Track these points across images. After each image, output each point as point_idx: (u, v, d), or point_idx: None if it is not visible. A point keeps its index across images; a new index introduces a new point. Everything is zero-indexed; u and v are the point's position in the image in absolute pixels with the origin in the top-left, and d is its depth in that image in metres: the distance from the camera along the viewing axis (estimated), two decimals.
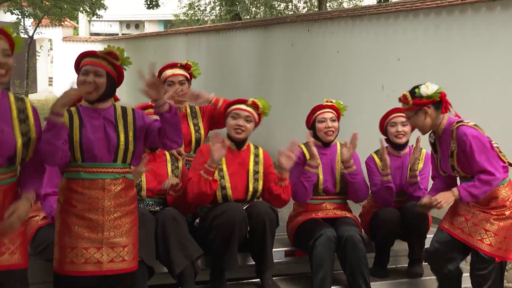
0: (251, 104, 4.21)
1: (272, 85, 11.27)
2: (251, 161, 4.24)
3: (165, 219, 3.84)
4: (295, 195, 4.35)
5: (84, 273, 3.24)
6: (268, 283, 4.15)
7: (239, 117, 4.16)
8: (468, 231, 3.93)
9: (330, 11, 12.24)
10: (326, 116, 4.42)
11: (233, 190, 4.12)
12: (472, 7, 6.96)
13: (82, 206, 3.23)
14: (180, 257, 3.79)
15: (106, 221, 3.27)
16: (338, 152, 4.49)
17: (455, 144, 3.87)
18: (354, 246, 4.11)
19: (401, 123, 4.52)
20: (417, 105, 3.94)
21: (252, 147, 4.32)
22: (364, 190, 4.46)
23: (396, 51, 8.17)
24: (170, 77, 4.54)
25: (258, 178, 4.21)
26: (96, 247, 3.26)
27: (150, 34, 20.52)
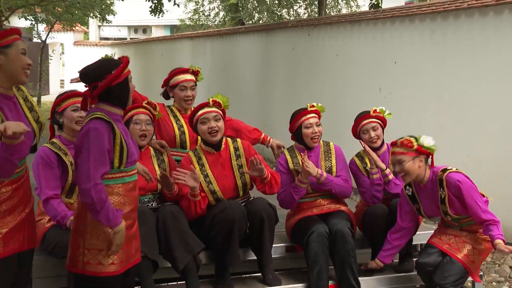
0: (213, 104, 4.17)
1: (273, 88, 11.27)
2: (233, 157, 4.21)
3: (165, 216, 3.83)
4: (282, 203, 4.38)
5: (126, 267, 3.18)
6: (269, 277, 4.15)
7: (208, 120, 4.10)
8: (456, 247, 4.09)
9: (330, 16, 12.24)
10: (312, 121, 4.40)
11: (223, 192, 4.11)
12: (465, 13, 6.96)
13: (128, 208, 3.16)
14: (182, 253, 3.79)
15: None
16: (321, 151, 4.47)
17: (445, 192, 3.97)
18: (343, 239, 4.11)
19: (372, 128, 4.52)
20: (419, 152, 3.98)
21: (230, 141, 4.28)
22: (343, 190, 4.39)
23: (393, 55, 8.16)
24: (183, 82, 4.56)
25: (243, 171, 4.19)
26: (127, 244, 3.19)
27: (157, 38, 20.54)
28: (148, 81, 17.43)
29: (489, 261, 5.99)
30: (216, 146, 4.18)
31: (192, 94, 4.60)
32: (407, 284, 4.63)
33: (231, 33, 13.68)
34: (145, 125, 4.03)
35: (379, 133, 4.53)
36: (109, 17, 21.07)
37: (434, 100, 7.29)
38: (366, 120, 4.52)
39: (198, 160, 4.15)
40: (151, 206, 4.00)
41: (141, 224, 3.59)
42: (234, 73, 13.03)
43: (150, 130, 4.08)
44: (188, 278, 3.85)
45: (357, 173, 4.60)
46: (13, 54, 2.94)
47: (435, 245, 4.15)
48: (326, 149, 4.49)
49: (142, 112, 4.06)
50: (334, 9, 18.92)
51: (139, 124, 4.01)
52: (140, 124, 4.02)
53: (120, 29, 31.43)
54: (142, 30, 31.75)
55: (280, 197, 4.35)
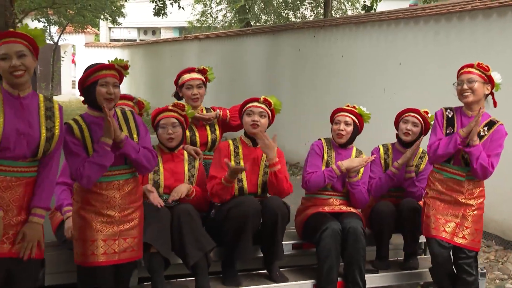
0: (263, 101, 4.22)
1: (280, 88, 11.25)
2: (264, 157, 4.22)
3: (180, 214, 3.82)
4: (309, 182, 4.30)
5: (103, 262, 3.33)
6: (276, 274, 4.15)
7: (253, 114, 4.16)
8: (451, 231, 4.05)
9: (335, 18, 12.21)
10: (341, 119, 4.38)
11: (248, 184, 4.14)
12: (469, 15, 6.92)
13: (100, 205, 3.32)
14: (194, 250, 3.78)
15: (121, 216, 3.38)
16: (352, 156, 4.43)
17: (487, 133, 4.01)
18: (356, 237, 4.08)
19: (412, 122, 4.49)
20: (489, 80, 4.06)
21: None
22: (362, 199, 4.37)
23: (397, 56, 8.13)
24: (188, 81, 4.54)
25: (267, 172, 4.19)
26: (113, 239, 3.35)
27: (166, 40, 20.57)
28: (158, 82, 17.46)
29: (492, 259, 5.96)
30: (254, 141, 4.21)
31: (198, 92, 4.55)
32: (411, 281, 4.62)
33: (238, 34, 13.67)
34: (171, 128, 4.02)
35: (416, 131, 4.50)
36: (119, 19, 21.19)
37: (438, 100, 7.22)
38: (412, 113, 4.53)
39: (235, 149, 4.19)
40: (169, 204, 3.97)
41: (155, 222, 3.69)
42: (241, 73, 13.02)
43: (178, 132, 4.05)
44: (198, 274, 3.84)
45: (376, 160, 4.57)
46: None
47: (441, 239, 4.05)
48: (357, 155, 4.46)
49: (168, 116, 4.05)
50: (339, 11, 18.91)
51: (165, 127, 4.02)
52: (166, 127, 4.02)
53: (130, 31, 31.50)
54: (152, 32, 31.80)
55: (309, 177, 4.29)
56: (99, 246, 3.30)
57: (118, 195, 3.36)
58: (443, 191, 4.09)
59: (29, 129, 3.00)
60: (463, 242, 4.03)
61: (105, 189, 3.32)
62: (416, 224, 4.42)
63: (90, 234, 3.29)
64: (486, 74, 4.04)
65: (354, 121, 4.39)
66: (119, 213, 3.36)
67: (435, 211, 4.09)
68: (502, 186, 5.86)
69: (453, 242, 4.04)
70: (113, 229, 3.34)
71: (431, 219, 4.09)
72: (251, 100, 4.25)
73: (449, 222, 4.05)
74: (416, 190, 4.49)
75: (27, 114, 3.02)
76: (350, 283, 4.11)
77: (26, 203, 3.05)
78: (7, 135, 2.91)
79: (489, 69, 4.06)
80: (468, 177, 4.03)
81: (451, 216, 4.06)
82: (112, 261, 3.35)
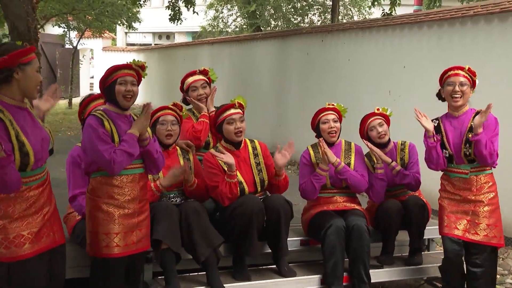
0: (238, 106, 4.18)
1: (289, 90, 11.25)
2: (251, 155, 4.22)
3: (188, 211, 3.84)
4: (303, 193, 4.35)
5: (123, 253, 3.37)
6: (284, 269, 4.15)
7: (235, 121, 4.11)
8: (474, 232, 4.01)
9: (342, 23, 12.19)
10: (329, 117, 4.38)
11: (247, 184, 4.12)
12: (471, 20, 6.89)
13: (123, 198, 3.36)
14: (203, 246, 3.80)
15: (138, 208, 3.44)
16: (342, 149, 4.44)
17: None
18: (360, 234, 4.08)
19: (378, 124, 4.49)
20: (474, 84, 4.12)
21: (248, 141, 4.29)
22: (357, 182, 4.30)
23: (401, 60, 8.11)
24: (192, 83, 4.57)
25: (261, 168, 4.21)
26: (131, 231, 3.40)
27: (180, 44, 20.60)
28: (171, 84, 17.49)
29: None
30: (237, 145, 4.19)
31: (204, 92, 4.57)
32: (415, 277, 4.62)
33: (249, 39, 13.68)
34: (170, 125, 4.04)
35: (385, 128, 4.50)
36: (135, 25, 21.27)
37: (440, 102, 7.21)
38: (372, 118, 4.50)
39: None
40: (175, 202, 4.01)
41: (165, 218, 3.69)
42: (251, 77, 13.03)
43: (176, 130, 4.09)
44: (208, 269, 3.86)
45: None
46: (30, 72, 2.96)
47: (453, 236, 4.03)
48: (347, 148, 4.47)
49: (168, 113, 4.08)
50: (346, 17, 18.86)
51: (165, 124, 4.04)
52: (166, 124, 4.04)
53: (145, 35, 31.59)
54: (166, 36, 31.89)
55: (302, 187, 4.32)
56: (121, 238, 3.35)
57: (137, 188, 3.41)
58: (452, 191, 4.09)
59: (42, 133, 3.05)
60: (475, 238, 3.99)
61: (126, 182, 3.36)
62: (422, 220, 4.43)
63: (112, 227, 3.33)
64: (473, 79, 4.09)
65: (337, 117, 4.42)
66: (137, 205, 3.41)
67: (447, 211, 4.09)
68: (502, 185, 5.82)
69: (465, 238, 4.01)
70: (132, 220, 3.39)
71: (444, 219, 4.09)
72: (227, 108, 4.15)
73: (460, 220, 4.03)
74: (409, 179, 4.44)
75: (33, 121, 3.04)
76: (355, 278, 4.11)
77: (53, 198, 3.16)
78: (36, 148, 2.95)
79: (475, 75, 4.10)
80: (472, 173, 4.01)
81: (461, 213, 4.04)
82: (130, 251, 3.40)
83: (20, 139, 2.87)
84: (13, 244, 2.91)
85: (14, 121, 2.89)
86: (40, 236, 3.01)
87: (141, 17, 21.35)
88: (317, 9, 19.01)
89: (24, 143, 2.88)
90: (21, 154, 2.87)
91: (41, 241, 3.01)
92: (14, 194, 2.91)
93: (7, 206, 2.91)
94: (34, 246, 2.97)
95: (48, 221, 3.07)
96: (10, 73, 2.89)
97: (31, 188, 2.98)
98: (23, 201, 2.95)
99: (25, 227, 2.95)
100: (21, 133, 2.89)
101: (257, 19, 18.15)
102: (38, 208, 3.02)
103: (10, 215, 2.91)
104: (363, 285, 4.09)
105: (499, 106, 4.13)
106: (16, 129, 2.88)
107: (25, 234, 2.94)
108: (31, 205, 2.99)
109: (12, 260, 2.91)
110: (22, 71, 2.91)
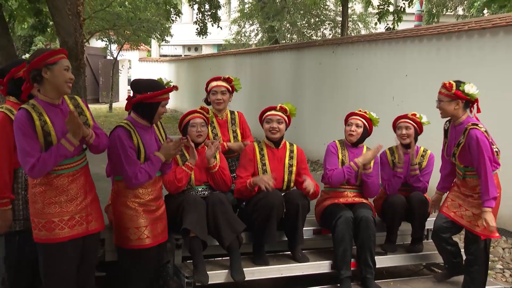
0: (279, 109, 4.18)
1: (303, 96, 11.23)
2: (287, 156, 4.22)
3: (214, 202, 3.85)
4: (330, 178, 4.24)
5: (152, 243, 3.40)
6: (299, 255, 4.16)
7: (272, 121, 4.14)
8: (460, 215, 4.00)
9: (351, 36, 12.13)
10: (353, 121, 4.33)
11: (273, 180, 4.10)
12: (466, 34, 6.83)
13: (148, 197, 3.39)
14: (228, 232, 3.81)
15: (158, 204, 3.48)
16: (363, 153, 4.40)
17: (464, 140, 3.86)
18: (367, 225, 4.06)
19: (405, 127, 4.44)
20: (456, 96, 3.89)
21: (288, 144, 4.29)
22: (374, 189, 4.32)
23: (404, 69, 8.05)
24: (214, 87, 4.50)
25: (292, 170, 4.20)
26: (156, 223, 3.44)
27: (206, 55, 20.65)
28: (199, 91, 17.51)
29: None
30: (276, 143, 4.20)
31: (222, 98, 4.49)
32: (416, 263, 4.60)
33: (268, 50, 13.67)
34: (200, 127, 4.06)
35: (411, 132, 4.42)
36: (167, 38, 21.38)
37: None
38: (402, 119, 4.47)
39: (260, 151, 4.17)
40: (203, 195, 4.03)
41: (193, 210, 3.71)
42: (270, 84, 13.02)
43: (205, 131, 4.10)
44: (231, 253, 3.87)
45: (385, 164, 4.53)
46: (57, 70, 2.96)
47: (445, 214, 4.07)
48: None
49: (197, 117, 4.10)
50: (354, 31, 18.78)
51: (195, 126, 4.06)
52: (195, 126, 4.06)
53: (176, 47, 31.74)
54: (194, 48, 31.99)
55: (331, 173, 4.24)
56: (150, 230, 3.37)
57: (157, 188, 3.47)
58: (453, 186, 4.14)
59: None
60: (460, 221, 3.99)
61: (150, 183, 3.39)
62: (423, 214, 4.40)
63: (141, 221, 3.35)
64: (450, 92, 3.90)
65: (364, 124, 4.35)
66: (157, 202, 3.46)
67: (449, 197, 4.13)
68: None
69: (452, 218, 4.02)
70: (155, 214, 3.43)
71: (445, 203, 4.12)
72: (269, 109, 4.21)
73: (454, 203, 4.04)
74: (421, 184, 4.44)
75: (64, 117, 3.03)
76: (362, 264, 4.10)
77: (88, 188, 3.14)
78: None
79: (451, 88, 3.89)
80: (467, 176, 3.96)
81: (458, 199, 4.03)
82: (158, 241, 3.43)
83: (47, 129, 2.91)
84: (45, 228, 2.95)
85: (46, 115, 2.94)
86: (73, 224, 3.02)
87: (172, 32, 21.46)
88: (328, 24, 18.96)
89: (50, 134, 2.92)
90: (45, 143, 2.92)
91: (72, 228, 3.02)
92: (44, 181, 2.95)
93: (39, 192, 2.96)
94: (64, 232, 2.99)
95: (83, 210, 3.08)
96: (39, 73, 2.94)
97: (60, 176, 2.99)
98: (53, 188, 2.97)
99: (57, 214, 2.97)
100: (49, 125, 2.93)
101: (275, 33, 18.15)
102: (70, 197, 3.02)
103: (42, 200, 2.95)
104: (369, 269, 4.07)
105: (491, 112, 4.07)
106: (45, 120, 2.92)
107: (56, 221, 2.97)
108: (61, 193, 2.99)
109: (43, 241, 2.95)
110: (49, 71, 2.94)
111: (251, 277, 3.92)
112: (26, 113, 2.89)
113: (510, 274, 5.13)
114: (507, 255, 5.58)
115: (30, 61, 2.94)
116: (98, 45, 23.92)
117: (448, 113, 3.97)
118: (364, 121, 4.36)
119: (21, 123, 2.87)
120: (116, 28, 19.32)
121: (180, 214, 3.77)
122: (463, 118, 3.94)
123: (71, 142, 2.95)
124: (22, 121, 2.88)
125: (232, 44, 21.28)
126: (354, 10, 19.36)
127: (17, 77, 3.36)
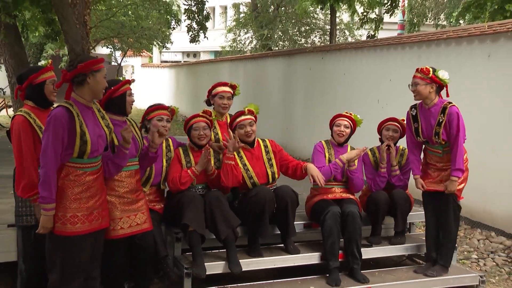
0: (248, 112, 4.15)
1: (294, 100, 11.24)
2: (263, 152, 4.21)
3: (211, 198, 3.85)
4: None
5: (132, 233, 3.39)
6: (290, 247, 4.16)
7: (245, 126, 4.11)
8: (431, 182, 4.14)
9: (339, 44, 12.15)
10: (342, 122, 4.37)
11: (257, 177, 4.11)
12: (445, 42, 6.86)
13: (123, 190, 3.38)
14: (224, 227, 3.80)
15: (135, 197, 3.43)
16: (348, 151, 4.41)
17: (444, 118, 3.93)
18: (354, 219, 4.08)
19: (393, 130, 4.46)
20: (432, 80, 3.97)
21: (260, 141, 4.27)
22: (358, 184, 4.35)
23: (388, 74, 8.07)
24: (221, 92, 4.44)
25: (272, 163, 4.19)
26: (134, 214, 3.40)
27: (204, 61, 20.63)
28: (197, 95, 17.52)
29: (462, 236, 5.91)
30: (250, 144, 4.19)
31: (228, 103, 4.47)
32: (399, 254, 4.61)
33: (261, 57, 13.67)
34: (202, 130, 4.04)
35: (397, 136, 4.49)
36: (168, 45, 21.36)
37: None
38: (392, 122, 4.51)
39: (238, 154, 4.15)
40: (202, 193, 4.02)
41: (191, 205, 3.71)
42: (263, 88, 13.02)
43: (207, 133, 4.08)
44: (228, 247, 3.87)
45: (368, 163, 4.55)
46: (99, 77, 3.01)
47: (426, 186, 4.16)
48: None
49: (200, 120, 4.06)
50: (342, 38, 18.81)
51: (197, 130, 4.04)
52: (198, 129, 4.04)
53: (176, 54, 31.71)
54: (193, 55, 31.97)
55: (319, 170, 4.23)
56: (124, 222, 3.34)
57: (134, 181, 3.44)
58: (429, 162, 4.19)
59: (100, 131, 3.07)
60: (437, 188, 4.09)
61: (125, 177, 3.38)
62: (405, 210, 4.42)
63: (116, 213, 3.32)
64: (427, 76, 3.97)
65: (351, 124, 4.38)
66: (133, 194, 3.42)
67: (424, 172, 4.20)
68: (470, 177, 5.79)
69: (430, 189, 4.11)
70: (132, 207, 3.39)
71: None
72: (237, 115, 4.14)
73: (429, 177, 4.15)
74: (402, 183, 4.47)
75: (95, 119, 3.08)
76: (349, 255, 4.11)
77: (105, 189, 3.18)
78: (94, 141, 2.98)
79: (428, 72, 3.97)
80: (445, 152, 4.05)
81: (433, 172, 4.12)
82: (134, 231, 3.39)
83: (83, 129, 2.92)
84: (68, 222, 2.94)
85: (80, 115, 2.95)
86: (91, 218, 3.03)
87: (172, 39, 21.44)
88: (317, 32, 19.00)
89: (85, 133, 2.93)
90: (81, 142, 2.92)
91: (91, 222, 3.03)
92: (73, 177, 2.95)
93: (67, 187, 2.94)
94: (84, 226, 2.99)
95: (100, 206, 3.09)
96: (84, 77, 2.96)
97: (86, 174, 3.00)
98: (80, 184, 2.97)
99: (81, 210, 2.97)
100: (84, 125, 2.94)
101: (268, 41, 18.16)
102: (92, 194, 3.03)
103: (69, 196, 2.94)
104: (355, 260, 4.08)
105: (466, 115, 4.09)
106: (81, 120, 2.94)
107: (79, 215, 2.97)
108: (86, 189, 2.99)
109: (63, 234, 2.94)
110: (93, 77, 2.98)
111: (247, 268, 3.92)
112: (67, 111, 2.91)
113: (484, 263, 5.17)
114: (482, 246, 5.62)
115: (74, 66, 2.95)
116: (103, 52, 23.85)
117: (422, 96, 4.02)
118: (350, 122, 4.38)
119: (58, 119, 2.85)
120: (120, 36, 19.30)
121: (180, 209, 3.76)
122: (435, 101, 4.02)
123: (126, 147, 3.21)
124: (59, 118, 2.86)
125: (228, 51, 21.28)
126: (342, 19, 19.41)
127: (35, 83, 3.37)
